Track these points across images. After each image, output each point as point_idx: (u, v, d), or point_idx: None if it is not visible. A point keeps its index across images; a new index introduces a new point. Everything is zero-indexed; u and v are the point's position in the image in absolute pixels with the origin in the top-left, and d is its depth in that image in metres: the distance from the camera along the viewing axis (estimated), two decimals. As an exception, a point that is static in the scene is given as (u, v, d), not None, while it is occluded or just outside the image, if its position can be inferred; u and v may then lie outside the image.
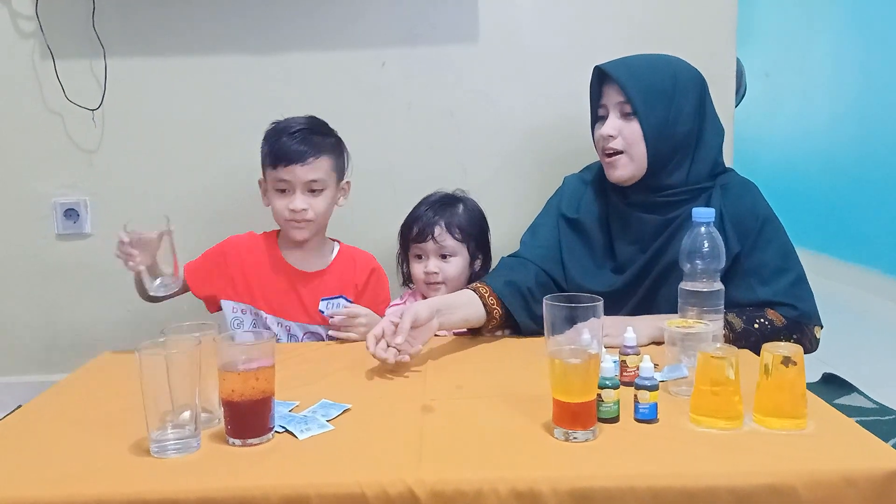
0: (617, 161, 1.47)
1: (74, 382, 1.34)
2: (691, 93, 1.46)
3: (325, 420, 1.07)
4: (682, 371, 1.13)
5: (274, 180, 1.55)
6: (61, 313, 2.09)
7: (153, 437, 0.97)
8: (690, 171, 1.46)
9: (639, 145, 1.44)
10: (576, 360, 0.97)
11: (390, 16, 1.97)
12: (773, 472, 0.90)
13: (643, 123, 1.43)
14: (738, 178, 1.53)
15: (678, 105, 1.44)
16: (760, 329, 1.36)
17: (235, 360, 1.00)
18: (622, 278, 1.49)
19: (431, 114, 2.01)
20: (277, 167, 1.54)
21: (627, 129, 1.45)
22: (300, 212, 1.54)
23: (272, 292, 1.60)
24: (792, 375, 1.00)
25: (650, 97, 1.43)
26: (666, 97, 1.44)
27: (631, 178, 1.47)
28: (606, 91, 1.49)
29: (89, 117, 2.00)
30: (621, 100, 1.45)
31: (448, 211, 1.67)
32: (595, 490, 0.88)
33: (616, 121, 1.46)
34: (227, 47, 1.99)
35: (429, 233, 1.63)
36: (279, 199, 1.56)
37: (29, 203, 2.04)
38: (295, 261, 1.62)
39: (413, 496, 0.88)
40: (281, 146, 1.54)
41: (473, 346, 1.50)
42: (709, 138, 1.48)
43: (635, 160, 1.45)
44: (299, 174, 1.53)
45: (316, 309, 1.60)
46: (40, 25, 1.96)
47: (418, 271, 1.66)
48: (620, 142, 1.45)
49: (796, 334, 1.39)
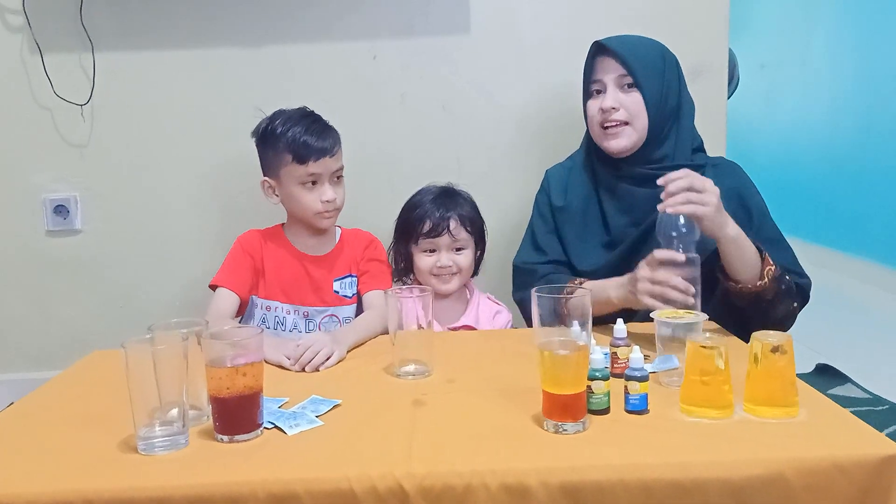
0: (621, 131, 1.50)
1: (65, 380, 1.33)
2: (675, 70, 1.54)
3: (315, 416, 1.06)
4: (674, 362, 1.13)
5: (302, 175, 1.55)
6: (52, 310, 2.08)
7: (140, 435, 0.97)
8: (677, 144, 1.52)
9: (641, 115, 1.49)
10: (565, 352, 0.97)
11: (383, 7, 1.96)
12: (764, 460, 0.89)
13: (645, 94, 1.48)
14: (726, 160, 1.59)
15: (668, 80, 1.51)
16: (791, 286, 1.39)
17: (223, 355, 0.99)
18: (616, 253, 1.51)
19: (425, 105, 2.00)
20: (307, 162, 1.54)
21: (629, 100, 1.49)
22: (332, 201, 1.57)
23: (288, 280, 1.62)
24: (782, 363, 1.00)
25: (648, 70, 1.49)
26: (659, 72, 1.50)
27: (632, 147, 1.51)
28: (602, 66, 1.52)
29: (78, 112, 1.98)
30: (621, 72, 1.49)
31: (456, 204, 1.67)
32: (585, 482, 0.88)
33: (616, 93, 1.50)
34: (218, 40, 1.97)
35: (444, 227, 1.63)
36: (307, 193, 1.56)
37: (18, 199, 2.03)
38: (305, 247, 1.65)
39: (402, 491, 0.87)
40: (305, 142, 1.54)
41: (466, 340, 1.50)
42: (686, 113, 1.55)
43: (637, 130, 1.50)
44: (329, 165, 1.56)
45: (330, 291, 1.64)
46: (28, 20, 1.95)
47: (428, 265, 1.64)
48: (623, 113, 1.49)
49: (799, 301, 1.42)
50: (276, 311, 1.62)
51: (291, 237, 1.65)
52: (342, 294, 1.64)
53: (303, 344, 1.30)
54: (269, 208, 1.69)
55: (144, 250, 2.05)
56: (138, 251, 2.05)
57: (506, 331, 1.61)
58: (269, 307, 1.62)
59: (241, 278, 1.59)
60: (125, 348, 0.96)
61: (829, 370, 2.39)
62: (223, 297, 1.55)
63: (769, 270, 1.35)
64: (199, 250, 2.02)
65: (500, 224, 1.75)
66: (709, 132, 1.64)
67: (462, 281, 1.66)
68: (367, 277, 1.64)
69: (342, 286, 1.65)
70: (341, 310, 1.64)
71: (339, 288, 1.64)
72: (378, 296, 1.59)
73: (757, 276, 1.35)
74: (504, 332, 1.60)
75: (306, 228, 1.63)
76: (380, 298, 1.57)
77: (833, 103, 4.14)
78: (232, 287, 1.57)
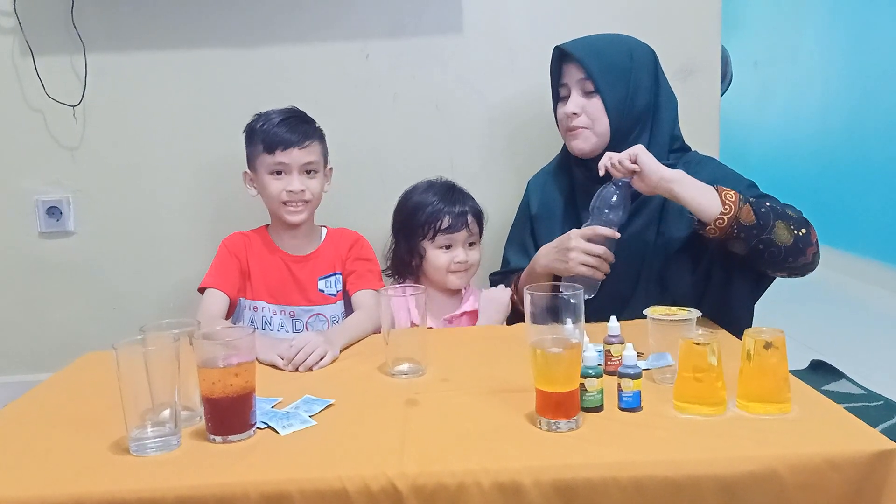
0: (580, 133, 1.52)
1: (57, 383, 1.33)
2: (647, 67, 1.53)
3: (308, 415, 1.06)
4: (667, 359, 1.13)
5: (270, 165, 1.58)
6: (45, 312, 2.07)
7: (132, 436, 0.96)
8: (650, 142, 1.50)
9: (601, 121, 1.50)
10: (558, 350, 0.97)
11: (376, 7, 1.96)
12: (757, 457, 0.89)
13: (605, 99, 1.49)
14: (700, 156, 1.58)
15: (636, 80, 1.50)
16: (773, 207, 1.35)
17: (215, 355, 0.99)
18: None
19: (417, 105, 2.00)
20: (275, 152, 1.57)
21: (590, 105, 1.51)
22: (298, 192, 1.58)
23: (273, 280, 1.63)
24: (774, 360, 1.00)
25: (610, 74, 1.49)
26: (625, 73, 1.50)
27: (593, 150, 1.53)
28: (567, 70, 1.55)
29: (70, 113, 1.97)
30: (582, 77, 1.50)
31: (466, 199, 1.68)
32: (578, 480, 0.88)
33: (578, 98, 1.52)
34: (210, 41, 1.97)
35: (463, 222, 1.64)
36: (275, 182, 1.58)
37: (10, 201, 2.02)
38: (289, 247, 1.66)
39: (395, 490, 0.87)
40: (276, 132, 1.57)
41: (460, 339, 1.50)
42: (664, 111, 1.54)
43: (598, 135, 1.52)
44: (297, 157, 1.57)
45: (315, 290, 1.64)
46: (19, 22, 1.94)
47: (445, 261, 1.63)
48: (584, 119, 1.51)
49: (805, 228, 1.36)
50: (263, 312, 1.62)
51: (276, 238, 1.66)
52: (327, 293, 1.64)
53: (296, 344, 1.30)
54: (261, 210, 1.69)
55: (137, 252, 2.04)
56: (131, 253, 2.04)
57: (500, 328, 1.61)
58: (256, 308, 1.63)
59: (229, 280, 1.59)
60: (116, 350, 0.95)
61: (824, 366, 2.40)
62: (213, 299, 1.56)
63: (727, 195, 1.32)
64: (192, 252, 2.01)
65: (491, 222, 1.75)
66: (702, 130, 1.65)
67: (473, 275, 1.69)
68: (355, 277, 1.64)
69: (327, 285, 1.65)
70: (327, 308, 1.64)
71: (325, 287, 1.65)
72: (367, 295, 1.59)
73: (719, 205, 1.32)
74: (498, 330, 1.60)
75: (287, 228, 1.63)
76: (369, 298, 1.58)
77: (824, 100, 4.15)
78: (221, 288, 1.57)
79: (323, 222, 1.73)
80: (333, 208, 1.76)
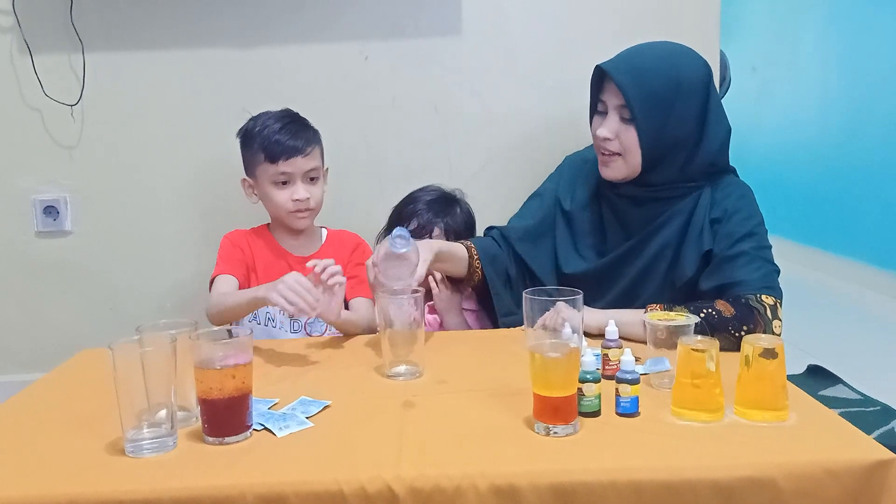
0: (611, 162, 1.46)
1: (51, 381, 1.32)
2: (696, 95, 1.42)
3: (305, 417, 1.06)
4: (665, 364, 1.13)
5: (274, 174, 1.57)
6: (41, 312, 2.06)
7: (128, 437, 0.96)
8: (685, 168, 1.44)
9: (634, 152, 1.43)
10: (556, 354, 0.96)
11: (374, 8, 1.95)
12: (755, 464, 0.89)
13: (640, 131, 1.40)
14: (734, 181, 1.50)
15: (679, 111, 1.41)
16: (707, 319, 1.28)
17: (212, 357, 0.99)
18: (605, 261, 1.50)
19: (416, 106, 1.99)
20: (278, 161, 1.56)
21: (625, 133, 1.42)
22: (304, 201, 1.58)
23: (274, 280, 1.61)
24: (772, 367, 1.00)
25: (650, 104, 1.39)
26: (667, 104, 1.40)
27: (623, 178, 1.48)
28: (608, 88, 1.45)
29: (68, 113, 1.97)
30: (621, 103, 1.41)
31: (448, 213, 1.69)
32: (576, 485, 0.87)
33: (615, 123, 1.43)
34: (208, 41, 1.96)
35: (427, 232, 1.66)
36: (280, 191, 1.58)
37: (7, 200, 2.01)
38: (290, 248, 1.66)
39: (391, 493, 0.87)
40: (278, 141, 1.56)
41: (457, 341, 1.49)
42: (710, 138, 1.44)
43: (629, 165, 1.44)
44: (300, 165, 1.57)
45: None
46: (17, 20, 1.93)
47: None
48: (616, 144, 1.44)
49: (748, 325, 1.28)
50: (267, 309, 1.61)
51: (277, 237, 1.67)
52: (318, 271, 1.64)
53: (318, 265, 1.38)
54: (259, 210, 1.69)
55: (135, 251, 2.03)
56: (128, 252, 2.03)
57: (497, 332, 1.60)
58: None
59: (238, 269, 1.61)
60: (113, 350, 0.95)
61: (821, 371, 2.40)
62: (223, 281, 1.56)
63: None
64: (189, 251, 2.00)
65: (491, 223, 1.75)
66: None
67: None
68: (356, 282, 1.63)
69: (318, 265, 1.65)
70: None
71: None
72: (363, 303, 1.59)
73: None
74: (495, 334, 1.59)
75: (288, 229, 1.64)
76: (365, 306, 1.58)
77: (822, 104, 4.16)
78: (231, 273, 1.58)
79: (321, 223, 1.73)
80: (332, 209, 1.75)
